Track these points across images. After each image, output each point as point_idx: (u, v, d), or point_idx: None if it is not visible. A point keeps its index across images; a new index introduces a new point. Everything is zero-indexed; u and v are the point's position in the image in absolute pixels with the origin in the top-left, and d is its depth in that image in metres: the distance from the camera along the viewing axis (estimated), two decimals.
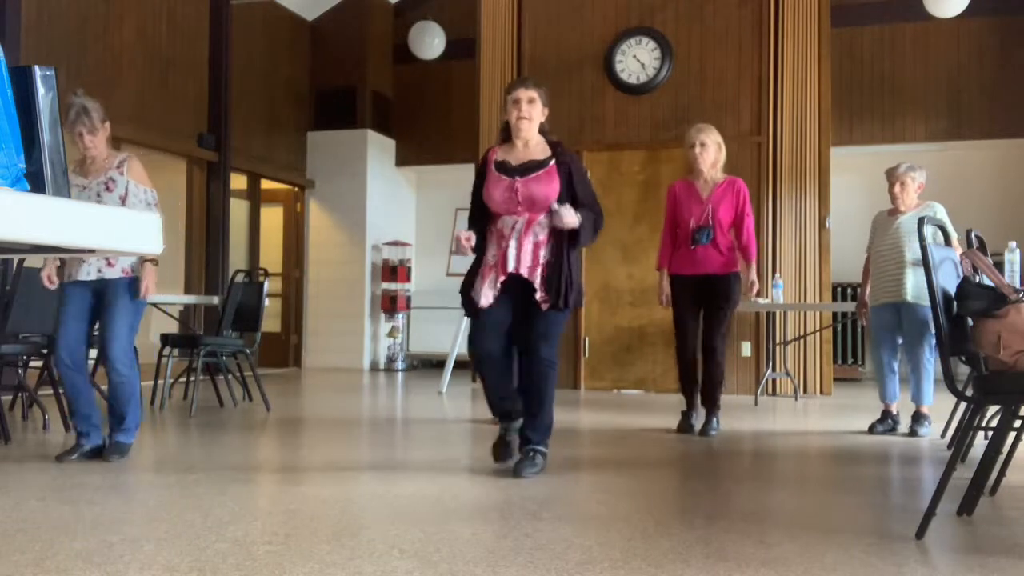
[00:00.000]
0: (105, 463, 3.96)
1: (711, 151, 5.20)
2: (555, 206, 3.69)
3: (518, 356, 3.86)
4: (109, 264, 4.01)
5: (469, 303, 3.82)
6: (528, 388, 3.80)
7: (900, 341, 5.24)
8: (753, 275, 5.22)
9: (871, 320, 5.35)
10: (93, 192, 3.99)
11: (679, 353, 5.29)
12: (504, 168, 3.83)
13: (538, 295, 3.72)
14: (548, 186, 3.75)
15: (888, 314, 5.20)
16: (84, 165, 4.09)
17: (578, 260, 3.90)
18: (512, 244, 3.75)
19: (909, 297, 5.04)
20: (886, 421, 5.25)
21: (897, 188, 5.22)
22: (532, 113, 3.80)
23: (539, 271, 3.73)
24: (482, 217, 3.90)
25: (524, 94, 3.80)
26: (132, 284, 4.02)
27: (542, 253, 3.75)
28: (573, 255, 3.81)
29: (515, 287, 3.77)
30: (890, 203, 5.30)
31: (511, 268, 3.74)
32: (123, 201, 4.00)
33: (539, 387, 3.75)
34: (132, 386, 4.07)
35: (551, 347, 3.76)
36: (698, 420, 5.22)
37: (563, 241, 3.75)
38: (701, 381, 5.22)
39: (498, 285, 3.77)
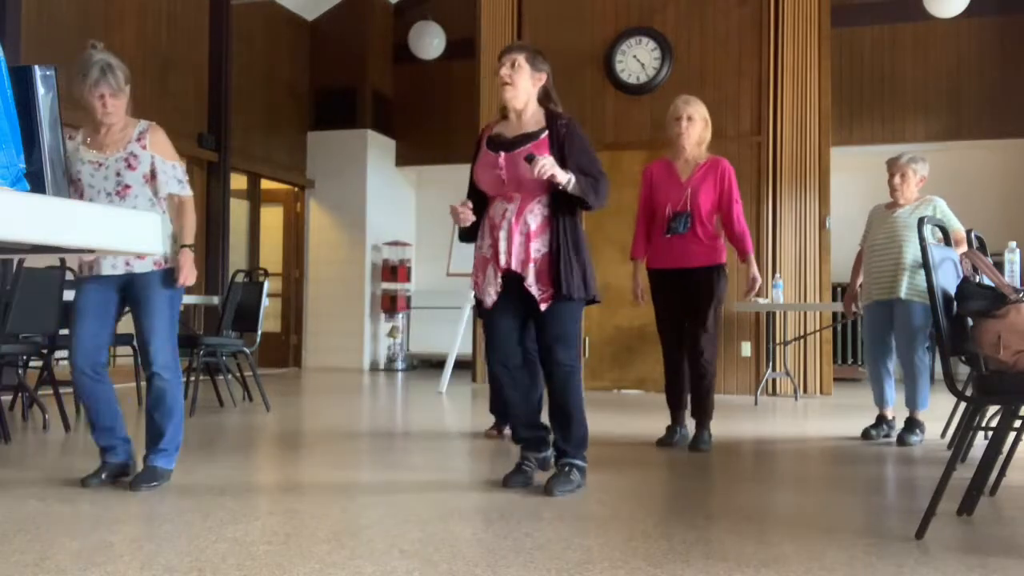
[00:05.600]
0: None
1: (697, 127, 4.63)
2: (535, 158, 3.23)
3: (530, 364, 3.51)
4: (139, 256, 3.32)
5: (479, 303, 3.52)
6: (551, 398, 3.46)
7: (894, 340, 4.99)
8: (754, 270, 4.63)
9: (864, 320, 5.09)
10: (111, 170, 3.39)
11: (666, 359, 4.76)
12: (495, 143, 3.45)
13: (535, 291, 3.36)
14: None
15: (881, 313, 4.94)
16: (99, 136, 3.44)
17: (581, 243, 3.43)
18: (503, 235, 3.38)
19: (903, 294, 4.78)
20: (881, 427, 5.01)
21: (897, 179, 4.93)
22: (516, 79, 3.39)
23: (532, 265, 3.36)
24: (477, 200, 3.52)
25: (506, 59, 3.43)
26: (166, 276, 3.45)
27: (534, 245, 3.36)
28: (573, 238, 3.39)
29: (515, 284, 3.41)
30: (889, 196, 5.02)
31: (503, 263, 3.39)
32: (148, 180, 3.42)
33: (563, 395, 3.41)
34: (175, 395, 3.49)
35: (568, 348, 3.39)
36: (683, 434, 4.75)
37: (562, 227, 3.37)
38: (689, 391, 4.68)
39: (499, 280, 3.42)
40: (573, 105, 8.25)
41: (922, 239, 2.78)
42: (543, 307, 3.38)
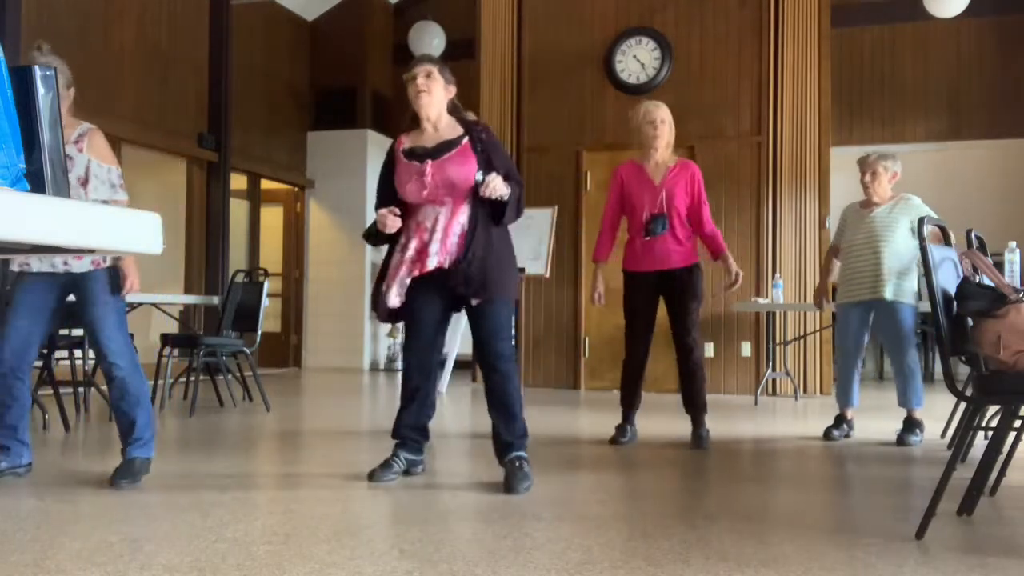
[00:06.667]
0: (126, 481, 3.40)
1: (668, 130, 4.70)
2: (481, 177, 3.41)
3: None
4: (77, 256, 3.38)
5: (379, 304, 3.56)
6: (494, 391, 3.52)
7: (867, 341, 5.01)
8: (733, 264, 4.65)
9: (839, 321, 5.05)
10: None
11: (628, 358, 4.78)
12: (414, 154, 3.53)
13: (469, 291, 3.44)
14: (464, 166, 3.45)
15: (859, 313, 4.92)
16: None
17: (509, 244, 3.59)
18: (436, 237, 3.45)
19: (888, 296, 4.77)
20: (841, 427, 4.99)
21: (868, 177, 4.94)
22: (431, 87, 3.50)
23: (466, 264, 3.42)
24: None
25: (420, 69, 3.52)
26: (108, 275, 3.46)
27: (468, 243, 3.45)
28: (505, 240, 3.54)
29: (438, 284, 3.49)
30: (862, 194, 5.04)
31: (433, 264, 3.45)
32: (83, 183, 3.38)
33: (505, 385, 3.50)
34: (137, 383, 3.48)
35: (505, 339, 3.50)
36: (634, 431, 4.83)
37: (491, 229, 3.48)
38: (681, 386, 4.74)
39: (407, 282, 3.49)
40: (573, 105, 8.27)
41: (922, 239, 2.78)
42: (474, 302, 3.47)
